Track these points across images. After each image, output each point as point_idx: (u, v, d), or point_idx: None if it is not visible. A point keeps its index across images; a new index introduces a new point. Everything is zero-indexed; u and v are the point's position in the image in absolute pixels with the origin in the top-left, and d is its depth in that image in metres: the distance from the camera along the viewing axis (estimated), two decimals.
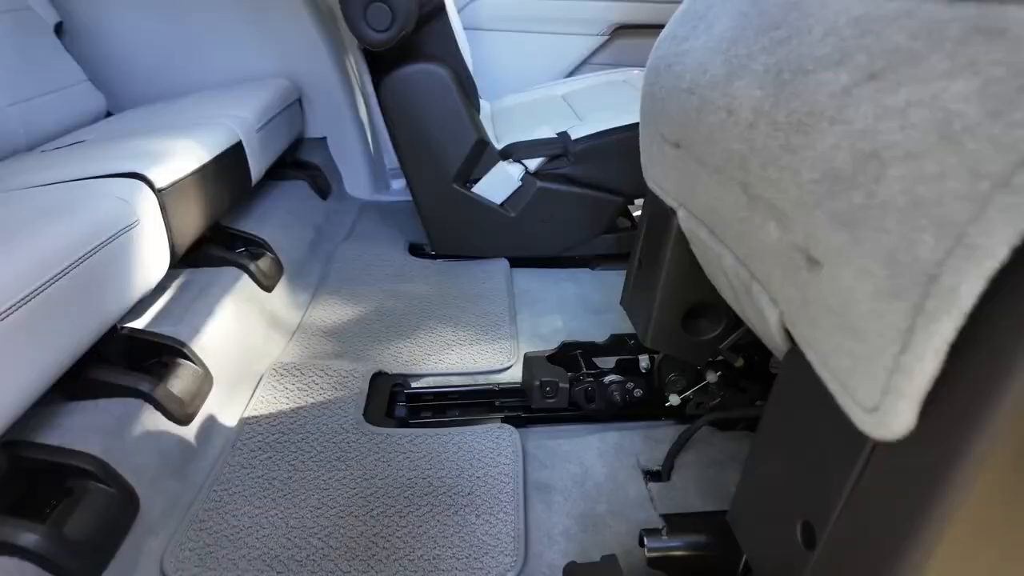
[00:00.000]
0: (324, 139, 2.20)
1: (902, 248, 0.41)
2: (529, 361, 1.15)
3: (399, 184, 2.43)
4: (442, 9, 1.55)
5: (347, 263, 1.70)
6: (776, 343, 0.65)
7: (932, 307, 0.38)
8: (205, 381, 1.05)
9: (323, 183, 2.05)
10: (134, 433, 0.89)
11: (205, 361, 1.08)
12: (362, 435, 1.05)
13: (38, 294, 0.73)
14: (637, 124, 1.53)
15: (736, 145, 0.65)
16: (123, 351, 1.00)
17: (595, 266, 1.72)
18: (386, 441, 1.04)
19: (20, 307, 0.70)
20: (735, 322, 1.01)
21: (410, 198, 2.27)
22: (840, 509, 0.51)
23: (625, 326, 1.41)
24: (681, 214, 0.88)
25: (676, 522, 0.77)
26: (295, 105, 1.95)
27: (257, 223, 1.57)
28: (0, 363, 0.68)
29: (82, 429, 0.84)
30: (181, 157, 1.16)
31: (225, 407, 1.09)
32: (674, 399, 1.11)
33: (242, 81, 1.98)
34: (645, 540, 0.76)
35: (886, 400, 0.43)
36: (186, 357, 1.05)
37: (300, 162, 2.04)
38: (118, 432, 0.87)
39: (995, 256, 0.35)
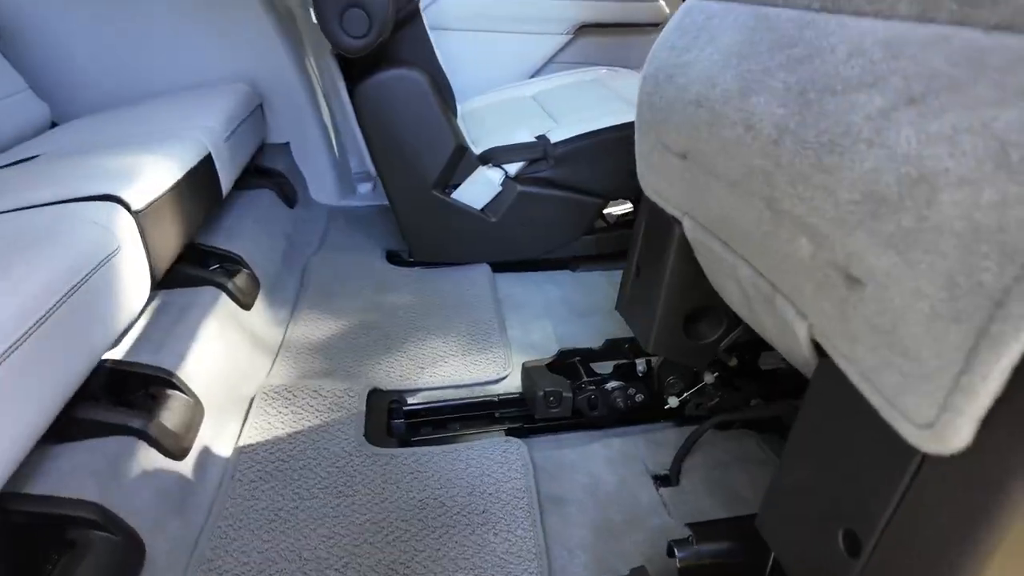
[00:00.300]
0: (287, 144, 2.13)
1: (962, 273, 0.42)
2: (528, 371, 1.14)
3: (365, 188, 2.38)
4: (417, 13, 1.51)
5: (323, 274, 1.65)
6: (803, 354, 0.67)
7: (998, 331, 0.40)
8: (197, 411, 1.00)
9: (289, 190, 1.98)
10: (130, 473, 0.84)
11: (194, 390, 1.03)
12: (366, 457, 1.02)
13: (26, 339, 0.68)
14: (615, 127, 1.55)
15: (758, 161, 0.66)
16: (106, 384, 0.94)
17: (575, 267, 1.72)
18: (391, 462, 1.02)
19: (9, 355, 0.65)
20: (732, 323, 1.04)
21: (379, 202, 2.24)
22: (888, 518, 0.53)
23: (613, 329, 1.42)
24: (687, 223, 0.89)
25: (703, 531, 0.78)
26: (258, 111, 1.88)
27: (227, 237, 1.50)
28: None
29: (75, 473, 0.79)
30: (154, 175, 1.09)
31: (218, 437, 1.04)
32: (673, 401, 1.13)
33: (197, 87, 1.89)
34: (676, 551, 0.77)
35: (943, 417, 0.45)
36: (175, 387, 1.00)
37: (263, 169, 1.97)
38: (113, 474, 0.82)
39: None
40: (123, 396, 0.95)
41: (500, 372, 1.25)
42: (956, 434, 0.44)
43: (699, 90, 0.79)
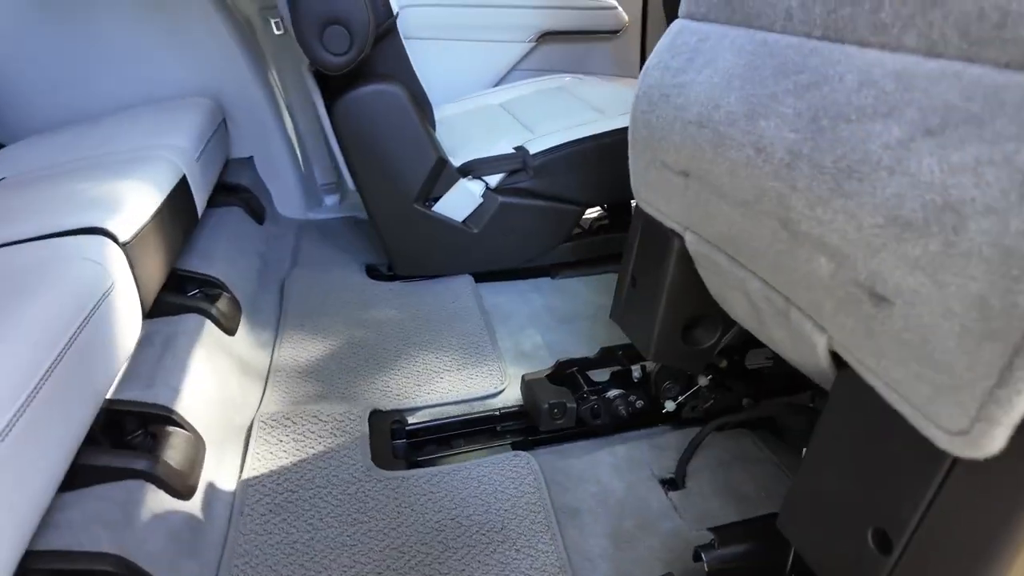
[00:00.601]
0: (251, 159, 2.07)
1: (995, 295, 0.46)
2: (529, 384, 1.16)
3: (332, 200, 2.34)
4: (394, 27, 1.50)
5: (303, 293, 1.62)
6: (819, 365, 0.71)
7: None
8: (199, 446, 0.98)
9: (257, 206, 1.93)
10: (142, 518, 0.81)
11: (193, 424, 1.00)
12: (376, 482, 1.02)
13: (39, 390, 0.65)
14: (591, 137, 1.58)
15: (771, 183, 0.69)
16: (105, 426, 0.90)
17: (555, 274, 1.75)
18: (403, 485, 1.01)
19: (25, 409, 0.62)
20: (727, 327, 1.08)
21: (348, 214, 2.21)
22: (920, 517, 0.57)
23: (599, 334, 1.45)
24: (689, 238, 0.92)
25: (725, 534, 0.81)
26: (222, 126, 1.82)
27: (203, 259, 1.45)
28: (12, 476, 0.60)
29: (87, 524, 0.76)
30: (135, 202, 1.05)
31: (221, 471, 1.01)
32: (670, 405, 1.17)
33: (156, 102, 1.81)
34: (703, 556, 0.80)
35: (977, 426, 0.49)
36: (174, 423, 0.96)
37: (228, 185, 1.91)
38: (126, 521, 0.79)
39: None
40: (123, 437, 0.92)
41: (497, 385, 1.26)
42: (991, 441, 0.48)
43: (700, 111, 0.82)
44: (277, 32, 2.05)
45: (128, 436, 0.93)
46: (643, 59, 2.44)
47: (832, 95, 0.63)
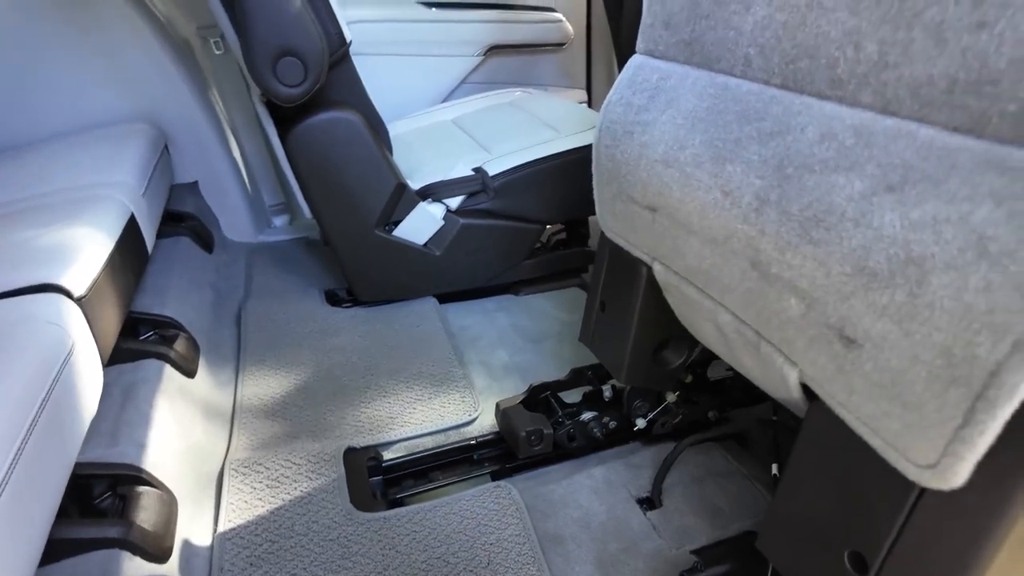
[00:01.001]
0: (195, 183, 1.99)
1: (958, 345, 0.50)
2: (505, 412, 1.17)
3: (282, 221, 2.28)
4: (347, 54, 1.48)
5: (261, 324, 1.57)
6: (791, 396, 0.75)
7: (994, 395, 0.48)
8: (171, 504, 0.94)
9: (204, 233, 1.86)
10: None
11: (163, 480, 0.96)
12: (358, 525, 1.01)
13: (14, 467, 0.62)
14: (549, 157, 1.61)
15: (740, 225, 0.72)
16: (72, 491, 0.86)
17: (519, 292, 1.77)
18: (385, 526, 1.01)
19: (2, 489, 0.59)
20: (693, 346, 1.12)
21: (299, 235, 2.16)
22: (893, 541, 0.62)
23: (567, 353, 1.48)
24: (657, 268, 0.95)
25: (708, 556, 0.85)
26: (165, 153, 1.75)
27: (156, 298, 1.40)
28: None
29: None
30: (86, 251, 1.00)
31: (196, 526, 0.98)
32: (641, 423, 1.20)
33: (92, 129, 1.72)
34: None
35: (944, 461, 0.53)
36: (143, 481, 0.93)
37: (174, 213, 1.83)
38: None
39: None
40: (91, 502, 0.87)
41: (471, 412, 1.27)
42: (956, 475, 0.53)
43: (666, 151, 0.85)
44: (217, 52, 1.99)
45: (96, 500, 0.88)
46: (589, 70, 2.48)
47: (795, 145, 0.67)
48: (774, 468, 0.97)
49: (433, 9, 2.16)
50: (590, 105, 2.42)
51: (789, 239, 0.65)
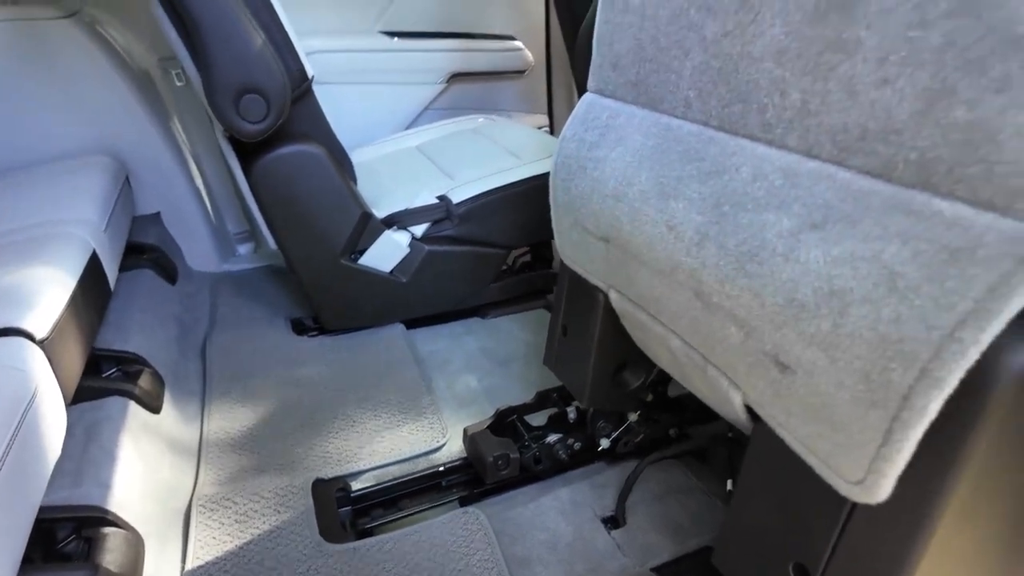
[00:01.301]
0: (157, 214, 1.98)
1: (875, 372, 0.55)
2: (473, 437, 1.19)
3: (246, 248, 2.28)
4: (310, 89, 1.50)
5: (227, 356, 1.57)
6: (739, 418, 0.79)
7: (907, 417, 0.53)
8: (138, 544, 0.94)
9: (167, 264, 1.85)
10: None
11: (128, 520, 0.96)
12: (327, 557, 1.02)
13: None
14: (511, 184, 1.65)
15: (684, 258, 0.77)
16: (36, 536, 0.85)
17: (486, 315, 1.80)
18: (355, 557, 1.02)
19: None
20: (651, 366, 1.16)
21: (263, 263, 2.16)
22: (830, 553, 0.66)
23: (534, 375, 1.51)
24: (613, 295, 1.00)
25: (669, 572, 0.88)
26: (126, 186, 1.74)
27: (119, 333, 1.39)
28: None
29: None
30: (48, 292, 1.00)
31: (164, 565, 0.98)
32: (605, 443, 1.24)
33: (52, 162, 1.71)
34: None
35: (869, 477, 0.58)
36: (109, 522, 0.92)
37: (136, 245, 1.82)
38: None
39: (952, 384, 0.50)
40: (54, 546, 0.87)
41: (439, 439, 1.29)
42: (881, 490, 0.57)
43: (616, 186, 0.90)
44: (179, 83, 1.99)
45: (61, 544, 0.88)
46: (550, 96, 2.55)
47: (731, 184, 0.72)
48: (729, 484, 1.02)
49: (395, 39, 2.20)
50: (552, 129, 2.48)
51: (727, 272, 0.70)
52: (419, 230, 1.60)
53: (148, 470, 1.10)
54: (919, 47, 0.53)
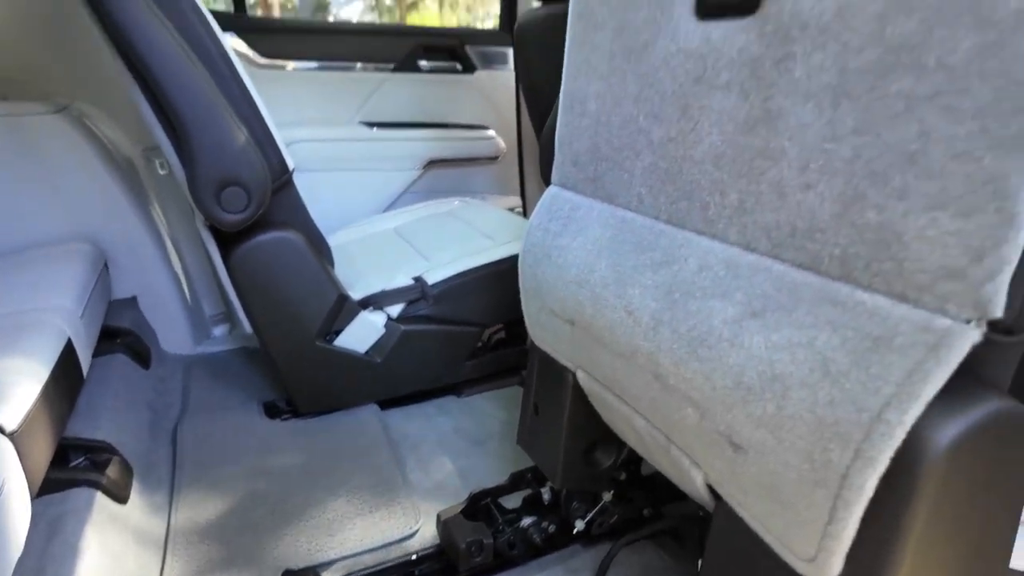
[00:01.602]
0: (134, 298, 1.99)
1: (816, 452, 0.58)
2: (446, 523, 1.18)
3: (221, 330, 2.28)
4: (290, 180, 1.57)
5: (198, 442, 1.55)
6: (702, 497, 0.81)
7: (848, 495, 0.56)
8: None
9: (142, 349, 1.85)
10: None
11: None
12: None
13: None
14: (485, 265, 1.71)
15: (642, 342, 0.81)
16: None
17: (461, 392, 1.81)
18: None
19: None
20: (623, 445, 1.18)
21: (238, 345, 2.16)
22: None
23: (510, 454, 1.52)
24: (581, 375, 1.03)
25: None
26: (104, 272, 1.76)
27: (88, 422, 1.37)
28: None
29: None
30: (21, 383, 1.00)
31: None
32: (580, 525, 1.23)
33: (31, 248, 1.73)
34: None
35: (820, 554, 0.60)
36: None
37: (110, 329, 1.82)
38: None
39: (884, 463, 0.54)
40: None
41: (412, 525, 1.27)
42: (832, 566, 0.59)
43: (578, 273, 0.95)
44: (161, 172, 2.06)
45: None
46: (522, 179, 2.67)
47: (680, 274, 0.77)
48: (699, 563, 1.02)
49: (374, 128, 2.31)
50: (525, 211, 2.58)
51: (681, 355, 0.74)
52: (395, 310, 1.64)
53: (113, 565, 1.07)
54: (833, 158, 0.60)
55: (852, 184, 0.59)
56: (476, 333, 1.75)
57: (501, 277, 1.71)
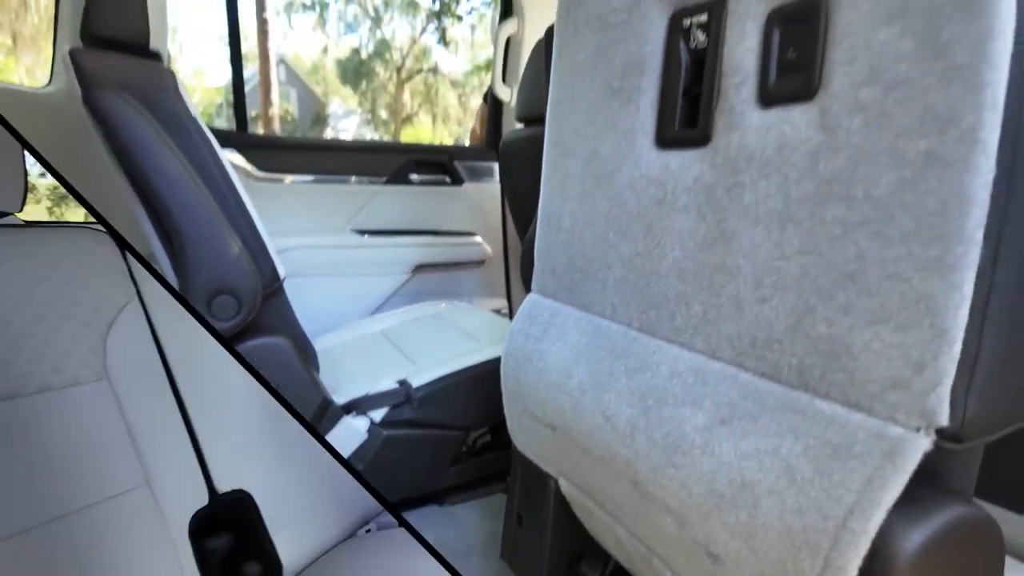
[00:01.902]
0: None
1: (789, 561, 0.59)
2: None
3: None
4: (280, 288, 1.62)
5: None
6: None
7: None
8: None
9: None
10: None
11: None
12: None
13: None
14: (470, 367, 1.73)
15: (620, 448, 0.83)
16: None
17: (442, 501, 1.77)
18: None
19: None
20: (608, 555, 1.15)
21: None
22: None
23: (495, 566, 1.46)
24: (563, 482, 1.03)
25: None
26: None
27: None
28: None
29: None
30: None
31: None
32: None
33: None
34: None
35: None
36: None
37: None
38: None
39: (853, 571, 0.54)
40: None
41: None
42: None
43: (557, 377, 0.98)
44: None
45: None
46: (508, 282, 2.75)
47: (653, 380, 0.80)
48: None
49: (365, 236, 2.41)
50: (511, 313, 2.64)
51: (657, 462, 0.76)
52: (378, 415, 1.63)
53: None
54: (784, 275, 0.65)
55: (803, 299, 0.63)
56: (461, 437, 1.74)
57: (487, 379, 1.72)
